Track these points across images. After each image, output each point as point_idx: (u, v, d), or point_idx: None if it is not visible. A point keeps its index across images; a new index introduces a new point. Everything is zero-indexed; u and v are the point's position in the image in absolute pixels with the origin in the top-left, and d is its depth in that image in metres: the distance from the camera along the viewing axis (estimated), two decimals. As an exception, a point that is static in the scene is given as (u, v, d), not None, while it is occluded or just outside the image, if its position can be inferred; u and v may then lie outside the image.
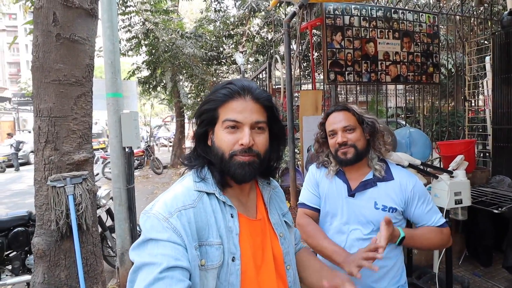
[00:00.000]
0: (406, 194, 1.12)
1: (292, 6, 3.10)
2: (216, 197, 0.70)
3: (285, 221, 0.82)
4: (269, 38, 7.72)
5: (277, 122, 0.75)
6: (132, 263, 0.61)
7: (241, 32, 7.91)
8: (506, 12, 3.01)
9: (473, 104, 3.69)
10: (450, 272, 2.02)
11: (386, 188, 1.13)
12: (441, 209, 2.16)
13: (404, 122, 3.87)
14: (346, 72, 2.76)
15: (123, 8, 6.62)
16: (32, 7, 1.92)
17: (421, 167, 1.94)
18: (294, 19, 2.58)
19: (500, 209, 2.09)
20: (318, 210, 1.24)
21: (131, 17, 6.91)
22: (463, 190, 2.01)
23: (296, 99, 3.36)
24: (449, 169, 2.15)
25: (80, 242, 1.87)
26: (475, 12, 3.49)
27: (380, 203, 1.11)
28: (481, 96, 3.98)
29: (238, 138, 0.67)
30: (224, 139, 0.68)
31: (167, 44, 6.73)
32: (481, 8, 3.49)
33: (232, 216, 0.69)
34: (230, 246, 0.66)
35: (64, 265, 1.85)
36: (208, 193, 0.70)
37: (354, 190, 1.15)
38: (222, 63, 8.35)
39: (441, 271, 2.20)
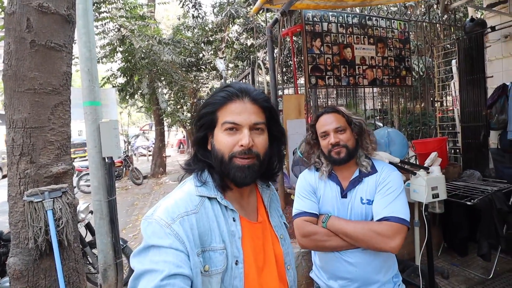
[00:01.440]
0: (378, 182, 1.16)
1: (271, 12, 3.17)
2: (218, 201, 0.70)
3: (284, 223, 0.84)
4: (248, 44, 7.80)
5: (276, 124, 0.76)
6: (116, 280, 0.61)
7: (220, 38, 7.92)
8: (468, 19, 3.28)
9: (443, 104, 3.96)
10: (431, 264, 2.13)
11: (369, 182, 1.18)
12: (419, 203, 2.29)
13: (381, 124, 4.06)
14: (327, 77, 2.86)
15: (97, 14, 6.40)
16: (3, 12, 1.82)
17: (400, 164, 2.05)
18: (275, 26, 2.64)
19: (472, 201, 2.25)
20: (317, 216, 1.27)
21: (105, 24, 6.69)
22: (439, 185, 2.14)
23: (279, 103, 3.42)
24: (424, 165, 2.29)
25: (61, 260, 1.76)
26: (440, 19, 3.77)
27: (365, 197, 1.17)
28: (449, 97, 4.27)
29: (238, 140, 0.68)
30: (223, 141, 0.68)
31: (144, 51, 6.59)
32: (445, 16, 3.77)
33: (234, 220, 0.70)
34: (233, 250, 0.67)
35: (44, 285, 1.73)
36: (209, 198, 0.70)
37: (345, 190, 1.20)
38: (202, 69, 8.30)
39: (422, 263, 2.31)
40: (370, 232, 1.07)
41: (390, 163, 1.85)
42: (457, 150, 3.51)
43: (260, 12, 5.08)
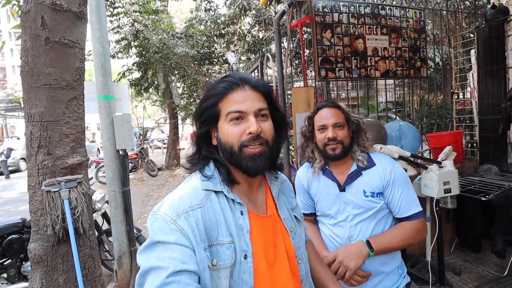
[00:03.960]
0: (386, 177, 1.17)
1: (282, 4, 3.12)
2: (225, 195, 0.68)
3: (294, 216, 0.81)
4: (261, 36, 7.73)
5: (277, 110, 0.75)
6: (131, 266, 0.63)
7: (232, 31, 7.89)
8: (489, 6, 3.10)
9: (460, 96, 3.79)
10: (442, 259, 2.09)
11: (370, 174, 1.18)
12: (431, 198, 2.23)
13: (394, 116, 3.94)
14: (337, 69, 2.80)
15: (111, 10, 6.53)
16: (20, 11, 1.90)
17: (411, 158, 2.01)
18: (284, 17, 2.60)
19: (487, 196, 2.16)
20: (313, 214, 1.30)
21: (119, 18, 6.82)
22: (452, 180, 2.08)
23: (288, 96, 3.40)
24: (438, 159, 2.22)
25: (77, 246, 1.87)
26: (459, 7, 3.58)
27: (368, 190, 1.17)
28: (468, 88, 4.08)
29: (245, 128, 0.66)
30: (230, 132, 0.67)
31: (158, 45, 6.68)
32: (466, 3, 3.57)
33: (241, 214, 0.68)
34: (242, 244, 0.65)
35: (62, 269, 1.84)
36: (216, 192, 0.68)
37: (344, 185, 1.20)
38: (214, 62, 8.33)
39: (433, 259, 2.26)
40: (406, 240, 1.14)
41: (400, 157, 1.83)
42: (474, 144, 3.37)
43: (272, 3, 5.01)
